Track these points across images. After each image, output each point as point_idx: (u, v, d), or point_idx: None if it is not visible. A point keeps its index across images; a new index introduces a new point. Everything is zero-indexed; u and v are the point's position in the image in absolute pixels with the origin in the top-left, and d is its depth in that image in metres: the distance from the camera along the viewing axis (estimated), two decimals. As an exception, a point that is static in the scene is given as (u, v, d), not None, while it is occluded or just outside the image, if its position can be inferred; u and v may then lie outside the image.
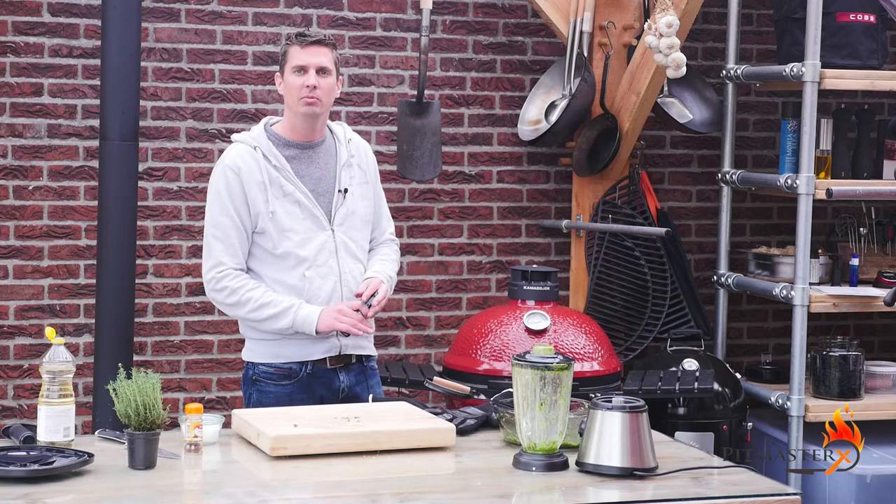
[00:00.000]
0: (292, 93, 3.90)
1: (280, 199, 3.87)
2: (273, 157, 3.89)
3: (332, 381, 3.94)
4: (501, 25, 5.53)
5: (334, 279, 3.92)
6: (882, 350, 5.92)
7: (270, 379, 3.91)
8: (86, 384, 5.10)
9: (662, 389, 4.66)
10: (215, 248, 3.87)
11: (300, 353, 3.90)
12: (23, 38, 5.07)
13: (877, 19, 5.10)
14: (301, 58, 3.89)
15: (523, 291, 4.80)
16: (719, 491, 3.13)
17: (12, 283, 5.09)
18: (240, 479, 3.16)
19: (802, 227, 4.89)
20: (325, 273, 3.91)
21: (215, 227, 3.87)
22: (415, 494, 3.05)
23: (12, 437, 3.38)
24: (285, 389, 3.90)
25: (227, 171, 3.87)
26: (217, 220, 3.87)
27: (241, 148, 3.91)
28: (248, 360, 3.98)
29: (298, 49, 3.90)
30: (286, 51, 3.93)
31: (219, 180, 3.89)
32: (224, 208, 3.86)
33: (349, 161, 4.01)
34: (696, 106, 5.48)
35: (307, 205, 3.90)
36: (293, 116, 3.94)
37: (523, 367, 3.17)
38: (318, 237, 3.91)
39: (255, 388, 3.94)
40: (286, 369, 3.91)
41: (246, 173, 3.86)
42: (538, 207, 5.59)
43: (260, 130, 3.96)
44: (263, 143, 3.91)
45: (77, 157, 5.13)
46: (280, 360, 3.91)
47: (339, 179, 3.97)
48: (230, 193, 3.86)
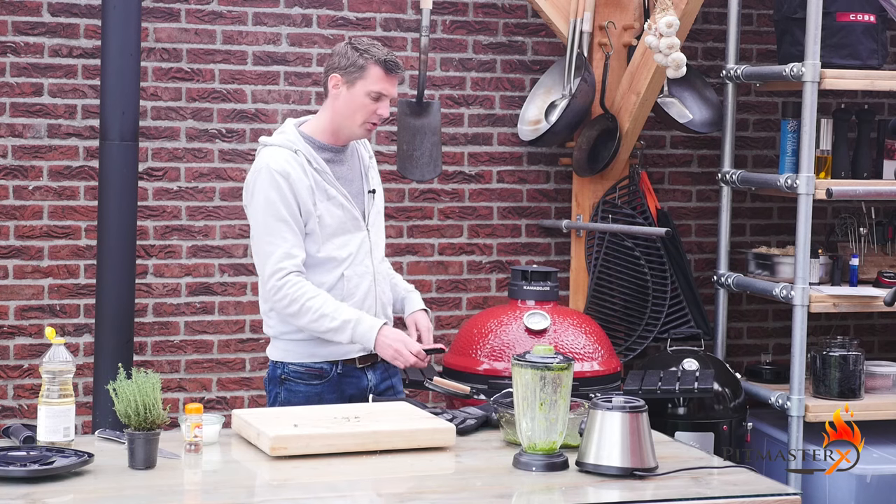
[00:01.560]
0: (358, 112, 3.83)
1: (325, 203, 3.85)
2: (314, 160, 3.85)
3: (360, 379, 3.94)
4: (501, 25, 5.53)
5: (370, 279, 3.94)
6: (882, 350, 5.92)
7: (301, 378, 3.90)
8: (86, 384, 5.10)
9: (662, 389, 4.66)
10: (274, 254, 3.79)
11: (334, 353, 3.90)
12: (23, 38, 5.07)
13: (877, 19, 5.10)
14: (384, 86, 3.83)
15: (523, 291, 4.79)
16: (719, 491, 3.13)
17: (12, 283, 5.09)
18: (240, 479, 3.17)
19: (802, 227, 4.89)
20: (362, 272, 3.92)
21: (270, 233, 3.79)
22: (415, 494, 3.05)
23: (12, 437, 3.38)
24: (315, 389, 3.89)
25: (275, 176, 3.79)
26: (271, 226, 3.79)
27: (283, 152, 3.83)
28: (278, 359, 3.94)
29: (383, 75, 3.82)
30: (365, 66, 3.82)
31: (268, 186, 3.79)
32: (278, 213, 3.78)
33: (370, 162, 4.04)
34: (696, 106, 5.48)
35: (348, 207, 3.89)
36: (340, 127, 3.88)
37: (523, 367, 3.17)
38: (356, 238, 3.92)
39: (284, 387, 3.92)
40: (317, 369, 3.90)
41: (295, 178, 3.80)
42: (538, 207, 5.60)
43: (295, 134, 3.89)
44: (303, 147, 3.85)
45: (77, 157, 5.13)
46: (313, 359, 3.90)
47: (367, 180, 3.99)
48: (283, 198, 3.78)
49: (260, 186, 3.82)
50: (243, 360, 5.31)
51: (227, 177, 5.26)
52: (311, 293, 3.79)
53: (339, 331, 3.79)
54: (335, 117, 3.89)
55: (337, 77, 3.86)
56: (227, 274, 5.28)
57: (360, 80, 3.82)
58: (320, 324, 3.78)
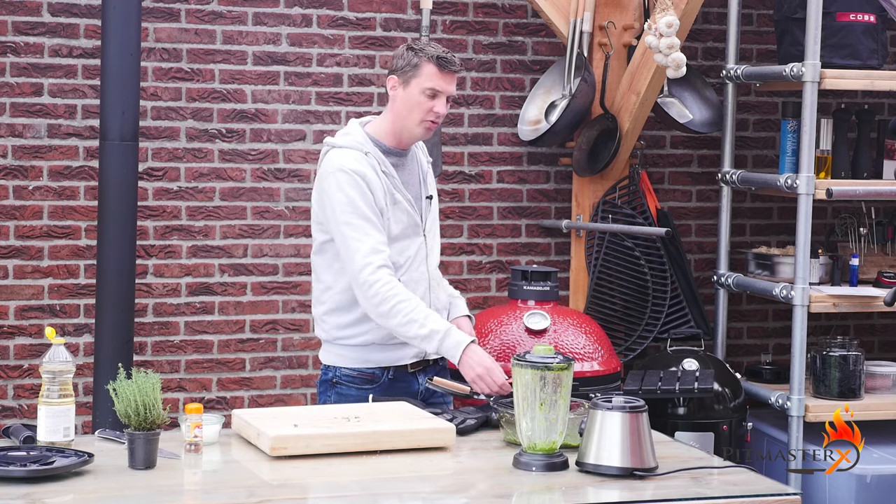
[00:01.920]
0: (414, 110, 3.82)
1: (392, 208, 3.84)
2: (383, 163, 3.84)
3: (411, 384, 3.94)
4: (501, 25, 5.53)
5: (425, 285, 3.94)
6: (882, 350, 5.93)
7: (353, 383, 3.90)
8: (86, 384, 5.10)
9: (662, 389, 4.66)
10: (360, 250, 3.75)
11: (388, 359, 3.90)
12: (23, 38, 5.07)
13: (877, 19, 5.10)
14: (438, 83, 3.81)
15: (523, 291, 4.79)
16: (719, 491, 3.13)
17: (12, 283, 5.09)
18: (240, 479, 3.16)
19: (802, 227, 4.89)
20: (418, 278, 3.92)
21: (354, 230, 3.76)
22: (415, 494, 3.05)
23: (12, 437, 3.37)
24: (366, 393, 3.87)
25: (353, 176, 3.76)
26: (355, 223, 3.76)
27: (356, 154, 3.81)
28: (331, 363, 3.94)
29: (437, 71, 3.80)
30: (419, 64, 3.81)
31: (346, 186, 3.77)
32: (360, 211, 3.76)
33: (427, 167, 4.03)
34: (696, 106, 5.48)
35: (411, 212, 3.89)
36: (402, 128, 3.86)
37: (523, 367, 3.17)
38: (414, 243, 3.91)
39: (335, 390, 3.92)
40: (369, 374, 3.90)
41: (370, 179, 3.79)
42: (538, 207, 5.60)
43: (363, 135, 3.87)
44: (372, 149, 3.84)
45: (77, 157, 5.13)
46: (366, 365, 3.90)
47: (425, 186, 3.99)
48: (363, 196, 3.77)
49: (338, 187, 3.78)
50: (243, 360, 5.31)
51: (227, 177, 5.26)
52: (403, 296, 3.75)
53: (426, 339, 3.75)
54: (395, 119, 3.87)
55: (394, 78, 3.86)
56: (227, 274, 5.28)
57: (415, 78, 3.81)
58: (408, 329, 3.75)
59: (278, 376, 5.35)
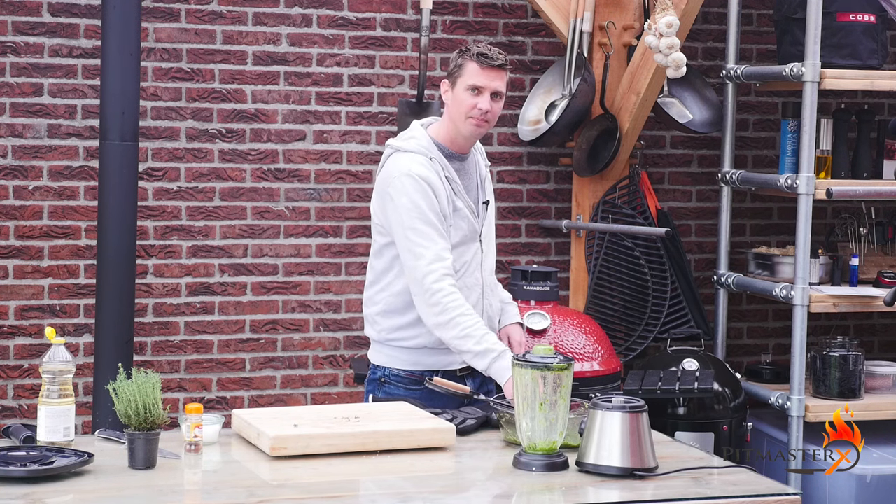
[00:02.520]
0: (461, 109, 3.83)
1: (453, 215, 3.84)
2: (447, 169, 3.84)
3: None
4: (501, 25, 5.53)
5: (479, 291, 3.94)
6: (882, 350, 5.92)
7: (401, 383, 3.91)
8: (86, 384, 5.10)
9: (662, 389, 4.66)
10: (424, 256, 3.75)
11: (438, 363, 3.90)
12: (23, 38, 5.07)
13: (877, 19, 5.10)
14: (479, 79, 3.82)
15: (523, 291, 4.79)
16: (719, 491, 3.13)
17: (12, 283, 5.09)
18: (240, 479, 3.16)
19: (802, 227, 4.89)
20: (472, 284, 3.92)
21: (419, 236, 3.76)
22: (415, 494, 3.05)
23: (12, 437, 3.37)
24: (414, 394, 3.87)
25: (419, 181, 3.77)
26: (419, 229, 3.76)
27: (421, 158, 3.82)
28: (381, 363, 3.95)
29: (478, 68, 3.82)
30: (462, 64, 3.84)
31: (412, 191, 3.77)
32: (425, 217, 3.76)
33: (486, 172, 4.03)
34: (696, 106, 5.48)
35: (470, 218, 3.89)
36: (455, 130, 3.87)
37: (523, 367, 3.17)
38: (470, 249, 3.91)
39: (383, 389, 3.93)
40: (418, 374, 3.89)
41: (436, 184, 3.79)
42: (538, 207, 5.60)
43: (428, 140, 3.87)
44: (437, 154, 3.84)
45: (77, 157, 5.13)
46: (417, 367, 3.90)
47: (482, 191, 3.99)
48: (429, 202, 3.77)
49: (403, 191, 3.78)
50: (243, 360, 5.31)
51: (227, 177, 5.26)
52: (464, 310, 3.75)
53: (479, 356, 3.74)
54: (450, 121, 3.89)
55: (446, 83, 3.89)
56: (227, 274, 5.28)
57: (460, 77, 3.85)
58: (463, 343, 3.74)
59: (278, 376, 5.35)
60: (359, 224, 5.35)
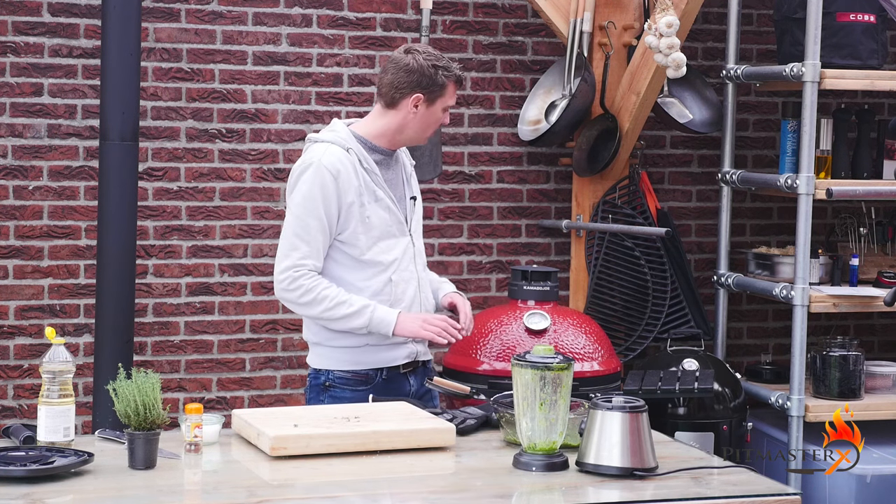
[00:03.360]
0: (429, 123, 3.89)
1: (373, 205, 3.84)
2: (365, 160, 3.85)
3: (403, 385, 3.94)
4: (501, 25, 5.53)
5: (415, 284, 3.95)
6: (882, 350, 5.92)
7: (347, 385, 3.90)
8: (86, 384, 5.10)
9: (662, 389, 4.66)
10: (299, 248, 3.79)
11: (381, 360, 3.90)
12: (23, 38, 5.07)
13: (877, 19, 5.10)
14: (454, 98, 3.91)
15: (523, 291, 4.79)
16: (719, 491, 3.13)
17: (12, 283, 5.09)
18: (240, 479, 3.16)
19: (802, 227, 4.89)
20: (408, 278, 3.93)
21: (302, 228, 3.79)
22: (415, 494, 3.05)
23: (12, 437, 3.37)
24: (361, 395, 3.87)
25: (324, 172, 3.78)
26: (305, 221, 3.79)
27: (335, 150, 3.82)
28: (322, 367, 3.93)
29: (454, 89, 3.89)
30: (445, 84, 3.86)
31: (313, 181, 3.79)
32: (315, 210, 3.78)
33: (411, 170, 4.05)
34: (696, 106, 5.48)
35: (394, 210, 3.90)
36: (401, 135, 3.89)
37: (523, 367, 3.17)
38: (401, 243, 3.92)
39: (328, 394, 3.91)
40: (363, 375, 3.89)
41: (344, 177, 3.79)
42: (538, 207, 5.60)
43: (347, 132, 3.88)
44: (354, 145, 3.85)
45: (77, 157, 5.13)
46: (361, 366, 3.89)
47: (410, 187, 4.00)
48: (325, 196, 3.78)
49: (305, 179, 3.80)
50: (243, 360, 5.31)
51: (227, 177, 5.26)
52: (327, 284, 3.80)
53: (356, 315, 3.78)
54: (406, 130, 3.90)
55: (420, 97, 3.86)
56: (227, 274, 5.28)
57: (440, 97, 3.87)
58: (336, 311, 3.78)
59: (278, 376, 5.35)
60: (359, 224, 5.35)
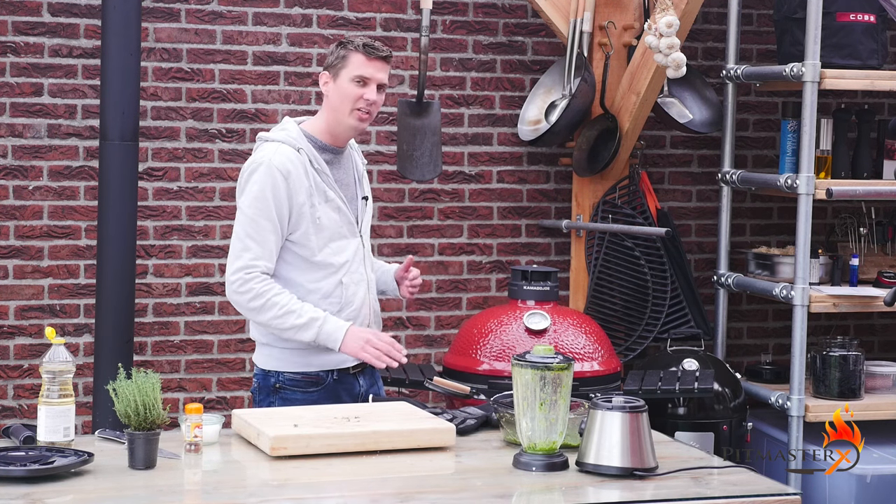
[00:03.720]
0: (345, 101, 3.81)
1: (323, 205, 3.82)
2: (316, 160, 3.82)
3: (353, 386, 3.93)
4: (501, 25, 5.53)
5: (365, 286, 3.93)
6: (882, 350, 5.93)
7: (297, 386, 3.87)
8: (86, 384, 5.10)
9: (662, 389, 4.66)
10: (251, 249, 3.76)
11: (330, 362, 3.88)
12: (23, 38, 5.07)
13: (877, 19, 5.10)
14: (366, 70, 3.81)
15: (523, 291, 4.80)
16: (719, 491, 3.13)
17: (12, 283, 5.09)
18: (240, 479, 3.17)
19: (802, 227, 4.89)
20: (358, 280, 3.91)
21: (254, 228, 3.77)
22: (415, 494, 3.05)
23: (12, 437, 3.37)
24: (312, 396, 3.86)
25: (275, 172, 3.75)
26: (256, 221, 3.77)
27: (286, 149, 3.80)
28: (271, 367, 3.89)
29: (364, 59, 3.81)
30: (346, 55, 3.82)
31: (263, 181, 3.76)
32: (266, 211, 3.76)
33: (363, 170, 4.04)
34: (696, 106, 5.48)
35: (345, 211, 3.88)
36: (335, 122, 3.86)
37: (523, 367, 3.17)
38: (351, 244, 3.90)
39: (279, 395, 3.88)
40: (314, 376, 3.87)
41: (295, 177, 3.77)
42: (538, 207, 5.60)
43: (297, 131, 3.85)
44: (305, 145, 3.83)
45: (77, 157, 5.13)
46: (310, 368, 3.87)
47: (360, 186, 3.98)
48: (276, 196, 3.76)
49: (256, 180, 3.78)
50: (243, 360, 5.31)
51: (227, 177, 5.26)
52: (278, 290, 3.76)
53: (304, 328, 3.74)
54: (330, 114, 3.87)
55: (326, 74, 3.87)
56: (227, 274, 5.28)
57: (344, 69, 3.82)
58: (285, 320, 3.74)
59: (278, 376, 5.35)
60: (359, 224, 5.35)
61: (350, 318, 3.86)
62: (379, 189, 5.40)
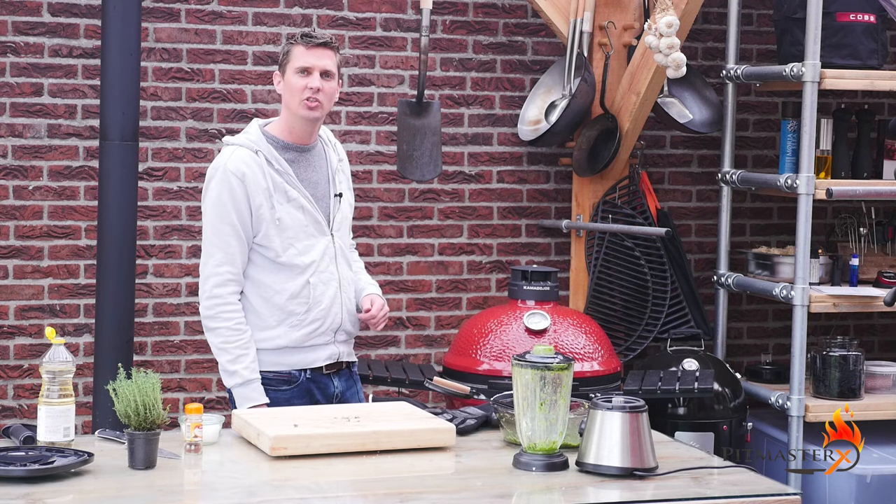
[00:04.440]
0: (293, 94, 3.84)
1: (284, 205, 3.82)
2: (275, 161, 3.83)
3: (327, 386, 3.94)
4: (501, 25, 5.53)
5: (335, 285, 3.92)
6: (882, 350, 5.93)
7: (270, 385, 3.87)
8: (86, 384, 5.10)
9: (662, 389, 4.66)
10: (214, 256, 3.80)
11: (302, 361, 3.89)
12: (23, 38, 5.07)
13: (877, 19, 5.10)
14: (306, 59, 3.84)
15: (523, 291, 4.80)
16: (719, 491, 3.13)
17: (12, 283, 5.09)
18: (240, 479, 3.17)
19: (802, 227, 4.89)
20: (328, 279, 3.90)
21: (216, 234, 3.80)
22: (415, 494, 3.05)
23: (12, 437, 3.38)
24: (285, 395, 3.87)
25: (230, 177, 3.78)
26: (217, 227, 3.80)
27: (242, 152, 3.82)
28: None
29: (303, 50, 3.84)
30: (289, 50, 3.86)
31: (220, 186, 3.79)
32: (226, 216, 3.79)
33: (339, 165, 4.01)
34: (696, 106, 5.48)
35: (310, 210, 3.87)
36: (292, 118, 3.88)
37: (523, 367, 3.17)
38: (320, 243, 3.89)
39: None
40: (286, 375, 3.89)
41: (251, 180, 3.78)
42: (538, 207, 5.60)
43: (258, 133, 3.87)
44: (264, 146, 3.84)
45: (77, 157, 5.13)
46: (282, 367, 3.88)
47: (334, 184, 3.96)
48: (234, 200, 3.78)
49: (214, 185, 3.82)
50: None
51: (227, 177, 5.26)
52: (233, 324, 3.80)
53: (228, 374, 3.82)
54: (285, 112, 3.91)
55: (278, 74, 3.92)
56: (227, 274, 5.27)
57: (289, 63, 3.87)
58: (219, 354, 3.82)
59: (278, 376, 5.35)
60: (358, 224, 5.34)
61: (319, 317, 3.88)
62: (379, 189, 5.41)
